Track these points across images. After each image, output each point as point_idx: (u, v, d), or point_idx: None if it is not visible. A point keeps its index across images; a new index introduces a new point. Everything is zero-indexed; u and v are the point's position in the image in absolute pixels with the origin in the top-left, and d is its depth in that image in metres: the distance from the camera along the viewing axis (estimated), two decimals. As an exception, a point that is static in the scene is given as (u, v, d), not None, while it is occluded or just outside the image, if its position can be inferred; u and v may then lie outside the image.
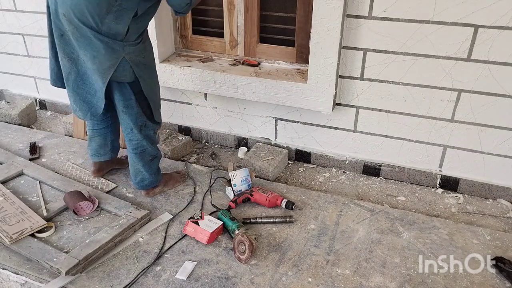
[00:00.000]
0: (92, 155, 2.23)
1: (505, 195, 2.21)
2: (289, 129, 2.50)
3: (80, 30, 1.69)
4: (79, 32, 1.69)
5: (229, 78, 2.35)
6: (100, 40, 1.70)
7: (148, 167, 2.06)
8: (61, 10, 1.69)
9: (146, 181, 2.10)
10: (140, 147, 2.00)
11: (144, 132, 1.98)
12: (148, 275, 1.72)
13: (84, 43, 1.71)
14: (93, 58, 1.73)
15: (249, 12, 2.38)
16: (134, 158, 2.04)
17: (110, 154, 2.25)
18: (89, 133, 2.19)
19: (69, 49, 1.77)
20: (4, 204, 2.02)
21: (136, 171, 2.08)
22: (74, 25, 1.68)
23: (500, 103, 2.00)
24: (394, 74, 2.12)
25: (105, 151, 2.22)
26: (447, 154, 2.22)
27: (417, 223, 1.99)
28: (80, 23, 1.67)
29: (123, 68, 1.79)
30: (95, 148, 2.21)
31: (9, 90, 3.29)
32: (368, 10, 2.01)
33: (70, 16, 1.67)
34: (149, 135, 2.01)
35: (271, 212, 2.08)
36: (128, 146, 2.02)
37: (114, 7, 1.66)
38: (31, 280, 1.71)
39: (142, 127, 1.96)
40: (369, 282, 1.69)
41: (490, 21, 1.86)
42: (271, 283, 1.68)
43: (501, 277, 1.71)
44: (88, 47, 1.71)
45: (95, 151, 2.21)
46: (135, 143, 1.99)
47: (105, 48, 1.71)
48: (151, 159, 2.06)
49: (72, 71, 1.82)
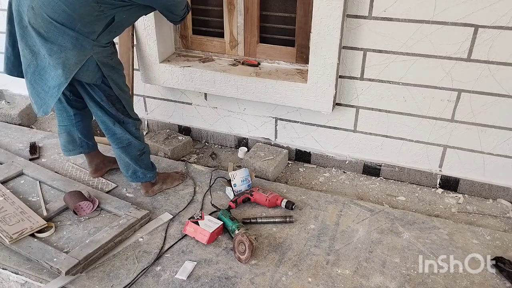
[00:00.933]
0: (62, 150, 2.22)
1: (505, 195, 2.21)
2: (289, 129, 2.50)
3: (48, 25, 1.64)
4: (46, 27, 1.65)
5: (229, 78, 2.35)
6: (70, 35, 1.66)
7: (136, 162, 2.04)
8: (28, 2, 1.63)
9: (138, 172, 2.07)
10: (125, 140, 1.97)
11: (125, 128, 1.96)
12: (148, 275, 1.72)
13: (52, 37, 1.66)
14: (59, 53, 1.68)
15: (249, 12, 2.38)
16: (120, 153, 2.01)
17: (79, 149, 2.20)
18: (58, 128, 2.18)
19: (32, 41, 1.71)
20: (4, 204, 2.02)
21: (126, 165, 2.05)
22: (42, 20, 1.63)
23: (500, 103, 2.00)
24: (394, 74, 2.12)
25: (74, 147, 2.19)
26: (447, 154, 2.22)
27: (417, 223, 1.99)
28: (50, 19, 1.63)
29: (87, 68, 1.75)
30: (63, 143, 2.19)
31: (9, 90, 3.29)
32: (368, 10, 2.01)
33: (39, 10, 1.62)
34: (131, 131, 1.99)
35: (271, 212, 2.08)
36: (112, 142, 2.00)
37: (95, 12, 1.66)
38: (31, 280, 1.71)
39: (121, 123, 1.95)
40: (369, 282, 1.69)
41: (490, 21, 1.86)
42: (271, 283, 1.68)
43: (501, 277, 1.71)
44: (55, 42, 1.66)
45: (64, 146, 2.20)
46: (118, 137, 1.96)
47: (73, 44, 1.68)
48: (139, 154, 2.04)
49: (32, 64, 1.75)
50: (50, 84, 1.74)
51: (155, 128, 2.86)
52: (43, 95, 1.78)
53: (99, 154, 2.31)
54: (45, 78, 1.75)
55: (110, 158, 2.33)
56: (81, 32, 1.68)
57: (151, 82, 2.56)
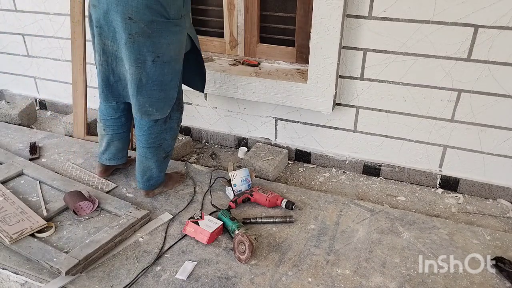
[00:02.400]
0: (110, 159, 2.22)
1: (505, 195, 2.21)
2: (289, 129, 2.50)
3: (150, 24, 1.70)
4: (149, 28, 1.70)
5: (229, 78, 2.35)
6: (170, 25, 1.74)
7: (159, 164, 2.05)
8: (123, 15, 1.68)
9: (152, 180, 2.09)
10: (159, 140, 1.98)
11: (169, 124, 1.98)
12: (148, 275, 1.72)
13: (156, 36, 1.72)
14: (168, 46, 1.76)
15: (249, 12, 2.38)
16: (147, 154, 2.00)
17: (125, 157, 2.28)
18: (108, 138, 2.15)
19: (135, 54, 1.75)
20: (4, 204, 2.02)
21: (145, 168, 2.05)
22: (144, 23, 1.69)
23: (500, 103, 2.00)
24: (394, 74, 2.12)
25: (123, 155, 2.24)
26: (447, 154, 2.22)
27: (417, 223, 1.99)
28: (152, 16, 1.69)
29: (186, 42, 1.87)
30: (113, 153, 2.20)
31: (9, 90, 3.29)
32: (368, 10, 2.01)
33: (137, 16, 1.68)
34: (172, 127, 2.01)
35: (271, 212, 2.08)
36: (146, 140, 1.97)
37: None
38: (31, 280, 1.71)
39: (167, 119, 1.96)
40: (369, 282, 1.69)
41: (490, 21, 1.86)
42: (271, 283, 1.68)
43: (501, 277, 1.71)
44: (160, 39, 1.73)
45: (113, 156, 2.21)
46: (154, 136, 1.96)
47: (175, 32, 1.77)
48: (165, 157, 2.05)
49: (142, 76, 1.80)
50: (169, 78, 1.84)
51: (155, 128, 2.86)
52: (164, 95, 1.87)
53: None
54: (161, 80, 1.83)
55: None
56: (174, 18, 1.74)
57: (151, 82, 2.56)
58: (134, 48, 1.74)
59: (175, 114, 2.00)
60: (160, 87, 1.85)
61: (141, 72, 1.80)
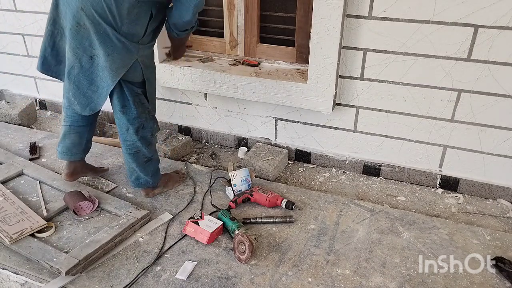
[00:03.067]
0: (62, 153, 2.10)
1: (505, 195, 2.21)
2: (289, 129, 2.50)
3: (98, 26, 1.68)
4: (96, 28, 1.69)
5: (229, 78, 2.35)
6: (118, 39, 1.71)
7: (142, 168, 2.04)
8: (79, 4, 1.67)
9: (141, 179, 2.08)
10: (134, 148, 1.98)
11: (141, 134, 1.96)
12: (148, 275, 1.72)
13: (100, 39, 1.71)
14: (107, 56, 1.73)
15: (249, 12, 2.38)
16: (128, 158, 2.02)
17: (81, 154, 2.15)
18: (65, 129, 2.07)
19: (78, 42, 1.75)
20: (4, 204, 2.02)
21: (130, 169, 2.06)
22: (92, 21, 1.68)
23: (500, 103, 2.00)
24: (394, 74, 2.12)
25: (78, 150, 2.12)
26: (447, 154, 2.22)
27: (417, 223, 1.99)
28: (101, 20, 1.67)
29: (134, 70, 1.82)
30: (67, 146, 2.09)
31: (9, 90, 3.29)
32: (368, 10, 2.01)
33: (90, 11, 1.66)
34: (145, 137, 1.99)
35: (271, 212, 2.08)
36: (123, 145, 2.01)
37: (135, 8, 1.69)
38: (31, 280, 1.71)
39: (139, 129, 1.95)
40: (369, 282, 1.69)
41: (490, 21, 1.86)
42: (271, 283, 1.68)
43: (501, 277, 1.71)
44: (103, 44, 1.71)
45: (67, 149, 2.10)
46: (129, 144, 1.97)
47: (121, 48, 1.73)
48: (146, 161, 2.03)
49: (75, 65, 1.80)
50: (98, 84, 1.80)
51: (155, 128, 2.86)
52: (91, 94, 1.84)
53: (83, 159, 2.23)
54: (91, 78, 1.80)
55: (88, 165, 2.27)
56: (126, 36, 1.72)
57: (151, 82, 2.56)
58: (77, 37, 1.73)
59: (148, 123, 1.97)
60: (89, 85, 1.82)
61: (75, 62, 1.79)
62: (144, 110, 1.94)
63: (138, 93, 1.89)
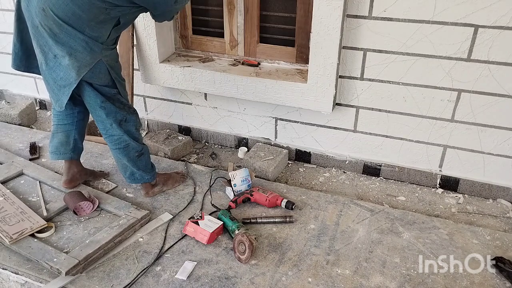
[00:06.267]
0: (51, 153, 2.11)
1: (505, 195, 2.21)
2: (289, 129, 2.50)
3: (60, 26, 1.66)
4: (58, 28, 1.67)
5: (229, 78, 2.35)
6: (80, 38, 1.69)
7: (134, 163, 2.02)
8: (40, 4, 1.65)
9: (136, 174, 2.06)
10: (123, 142, 1.96)
11: (125, 127, 1.95)
12: (148, 275, 1.72)
13: (63, 39, 1.68)
14: (70, 55, 1.71)
15: (249, 12, 2.38)
16: (117, 154, 2.00)
17: (70, 153, 2.12)
18: (53, 128, 2.09)
19: (43, 41, 1.73)
20: (4, 204, 2.02)
21: (123, 166, 2.04)
22: (53, 21, 1.66)
23: (500, 103, 2.00)
24: (394, 74, 2.12)
25: (66, 150, 2.10)
26: (447, 154, 2.22)
27: (417, 223, 1.99)
28: (61, 21, 1.65)
29: (99, 70, 1.79)
30: (55, 145, 2.09)
31: (9, 90, 3.29)
32: (368, 10, 2.01)
33: (50, 13, 1.64)
34: (130, 131, 1.97)
35: (271, 212, 2.08)
36: (109, 143, 1.98)
37: (102, 15, 1.68)
38: (31, 280, 1.71)
39: (122, 122, 1.93)
40: (369, 282, 1.69)
41: (490, 21, 1.86)
42: (271, 283, 1.68)
43: (501, 277, 1.71)
44: (66, 43, 1.69)
45: (55, 148, 2.10)
46: (116, 138, 1.95)
47: (83, 47, 1.71)
48: (138, 155, 2.02)
49: (43, 62, 1.79)
50: (60, 83, 1.79)
51: (155, 128, 2.86)
52: (57, 91, 1.83)
53: (78, 164, 2.21)
54: (55, 76, 1.79)
55: (87, 170, 2.26)
56: (90, 36, 1.71)
57: (151, 82, 2.56)
58: (40, 35, 1.72)
59: (130, 116, 1.96)
60: (54, 82, 1.81)
61: (42, 59, 1.78)
62: (122, 105, 1.93)
63: (113, 93, 1.89)
